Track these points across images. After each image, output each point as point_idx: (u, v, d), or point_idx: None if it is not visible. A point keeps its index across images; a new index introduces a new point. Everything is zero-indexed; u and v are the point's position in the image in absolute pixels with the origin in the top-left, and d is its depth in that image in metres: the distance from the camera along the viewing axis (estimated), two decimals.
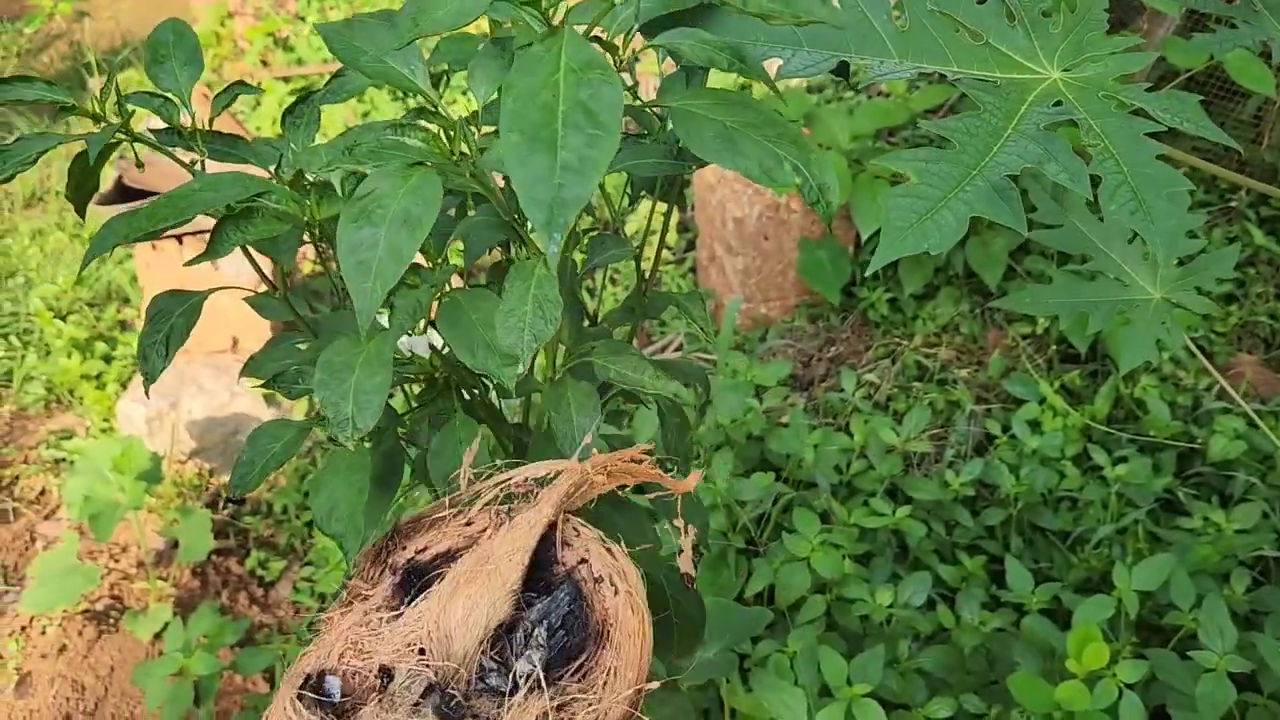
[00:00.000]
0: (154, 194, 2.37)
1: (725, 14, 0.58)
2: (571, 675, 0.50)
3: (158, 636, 1.88)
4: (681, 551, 0.62)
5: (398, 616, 0.52)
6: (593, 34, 0.49)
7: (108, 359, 2.60)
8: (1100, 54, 0.74)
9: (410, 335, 0.65)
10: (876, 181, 2.24)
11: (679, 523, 0.61)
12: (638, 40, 0.57)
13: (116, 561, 2.08)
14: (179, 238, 2.30)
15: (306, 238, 0.69)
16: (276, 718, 0.50)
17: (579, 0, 0.58)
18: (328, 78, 0.68)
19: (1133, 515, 1.78)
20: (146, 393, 0.69)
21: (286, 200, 0.60)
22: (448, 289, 0.62)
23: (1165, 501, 1.88)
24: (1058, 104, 0.70)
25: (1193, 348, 1.09)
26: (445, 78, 0.71)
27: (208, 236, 0.65)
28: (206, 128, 0.67)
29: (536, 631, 0.51)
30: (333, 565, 1.99)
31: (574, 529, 0.55)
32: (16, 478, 2.33)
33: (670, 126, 0.72)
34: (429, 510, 0.59)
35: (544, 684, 0.49)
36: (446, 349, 0.73)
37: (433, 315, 0.63)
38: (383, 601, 0.54)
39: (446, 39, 0.66)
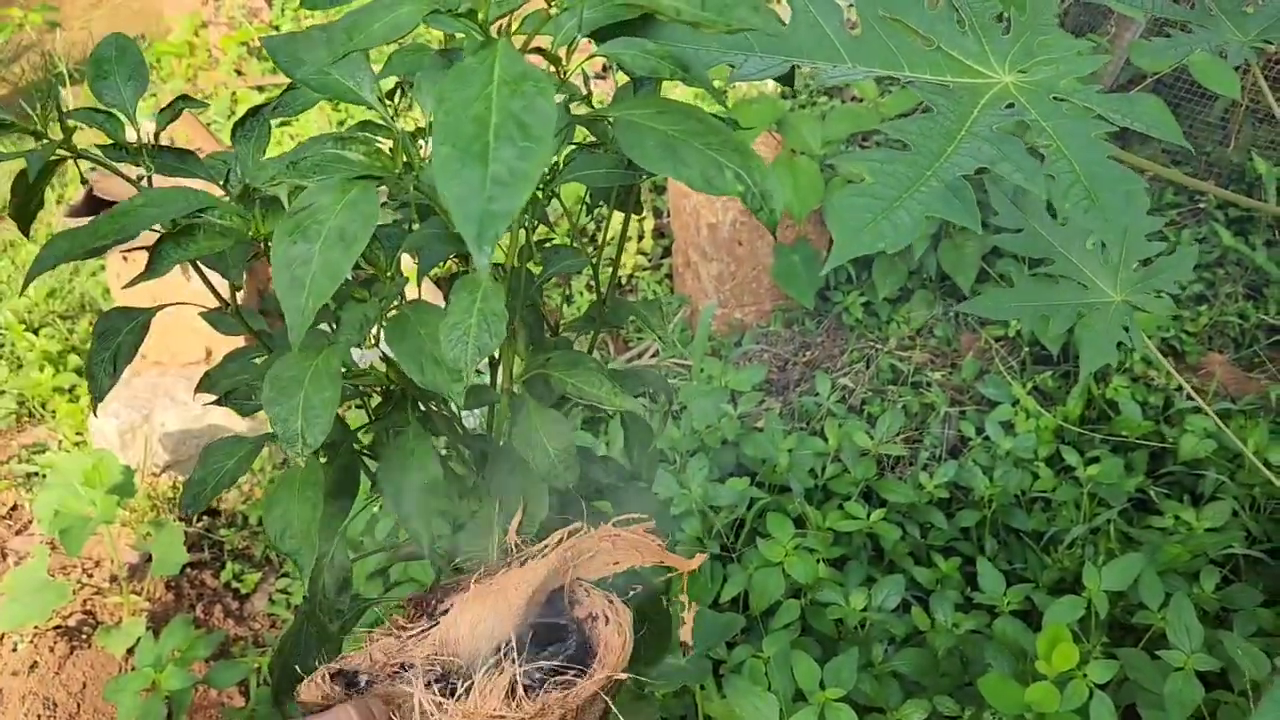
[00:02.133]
0: None
1: (671, 24, 0.58)
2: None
3: (130, 652, 1.87)
4: (684, 624, 0.67)
5: (424, 639, 0.62)
6: (533, 45, 0.49)
7: (80, 372, 2.57)
8: (1052, 57, 0.74)
9: (362, 348, 0.65)
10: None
11: (683, 598, 0.66)
12: (589, 51, 0.57)
13: (89, 576, 2.06)
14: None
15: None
16: (306, 691, 0.60)
17: (530, 12, 0.58)
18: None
19: (1105, 515, 1.79)
20: (93, 411, 0.69)
21: (230, 215, 0.60)
22: (398, 302, 0.61)
23: (1138, 501, 1.89)
24: (1010, 106, 0.70)
25: (1155, 352, 1.09)
26: (400, 90, 0.71)
27: None
28: (153, 143, 0.66)
29: (544, 664, 0.59)
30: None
31: (585, 590, 0.64)
32: None
33: None
34: (466, 577, 0.66)
35: (522, 671, 0.57)
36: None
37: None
38: (416, 632, 0.62)
39: (399, 52, 0.65)
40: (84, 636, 1.92)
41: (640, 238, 2.83)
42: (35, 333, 2.69)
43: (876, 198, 0.62)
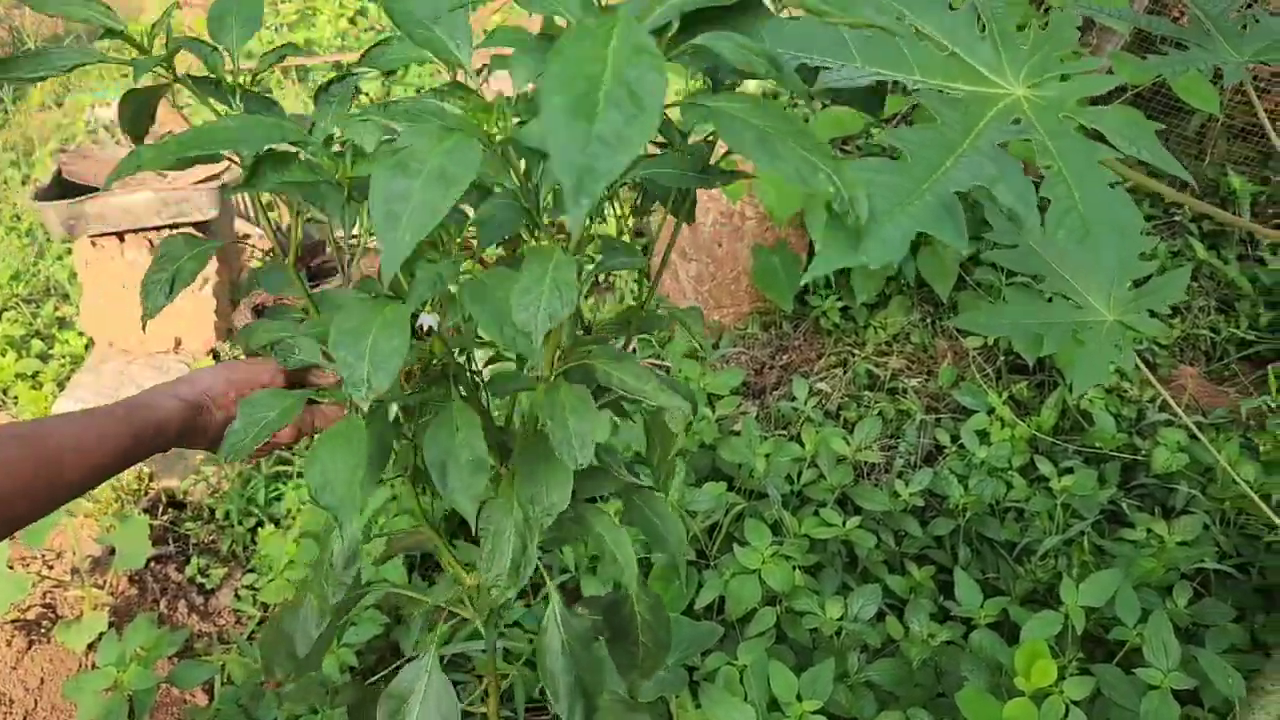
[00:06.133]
0: (93, 189, 2.29)
1: (756, 20, 0.58)
2: None
3: (91, 647, 1.83)
4: None
5: None
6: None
7: (44, 357, 2.52)
8: (1065, 73, 0.73)
9: (427, 311, 0.66)
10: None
11: None
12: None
13: (50, 569, 2.01)
14: (120, 235, 2.24)
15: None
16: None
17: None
18: (330, 66, 0.71)
19: (1078, 527, 1.80)
20: (143, 328, 0.72)
21: (320, 154, 0.62)
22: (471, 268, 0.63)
23: (1110, 513, 1.90)
24: (1016, 121, 0.69)
25: (1142, 366, 1.09)
26: (486, 70, 0.71)
27: (150, 235, 0.66)
28: (247, 86, 0.70)
29: None
30: (276, 572, 1.94)
31: None
32: None
33: (691, 140, 0.73)
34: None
35: None
36: (453, 332, 0.73)
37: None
38: None
39: (501, 28, 0.65)
40: (43, 630, 1.88)
41: (620, 235, 2.81)
42: None
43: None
